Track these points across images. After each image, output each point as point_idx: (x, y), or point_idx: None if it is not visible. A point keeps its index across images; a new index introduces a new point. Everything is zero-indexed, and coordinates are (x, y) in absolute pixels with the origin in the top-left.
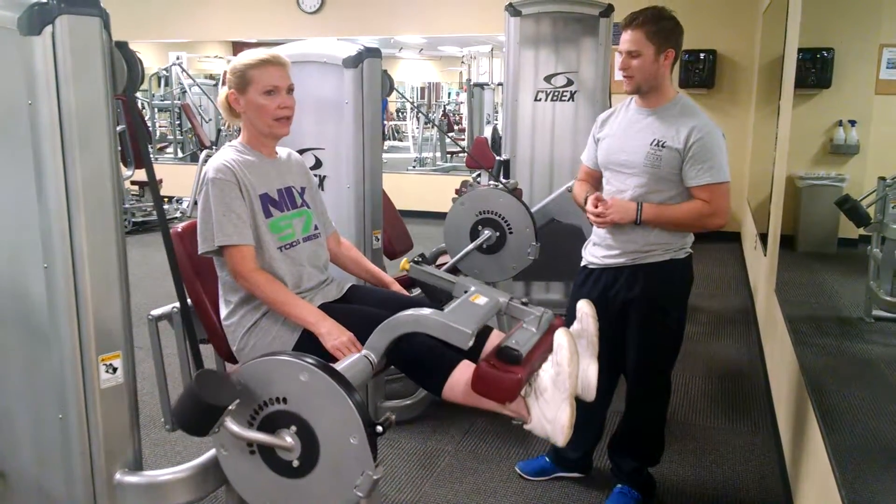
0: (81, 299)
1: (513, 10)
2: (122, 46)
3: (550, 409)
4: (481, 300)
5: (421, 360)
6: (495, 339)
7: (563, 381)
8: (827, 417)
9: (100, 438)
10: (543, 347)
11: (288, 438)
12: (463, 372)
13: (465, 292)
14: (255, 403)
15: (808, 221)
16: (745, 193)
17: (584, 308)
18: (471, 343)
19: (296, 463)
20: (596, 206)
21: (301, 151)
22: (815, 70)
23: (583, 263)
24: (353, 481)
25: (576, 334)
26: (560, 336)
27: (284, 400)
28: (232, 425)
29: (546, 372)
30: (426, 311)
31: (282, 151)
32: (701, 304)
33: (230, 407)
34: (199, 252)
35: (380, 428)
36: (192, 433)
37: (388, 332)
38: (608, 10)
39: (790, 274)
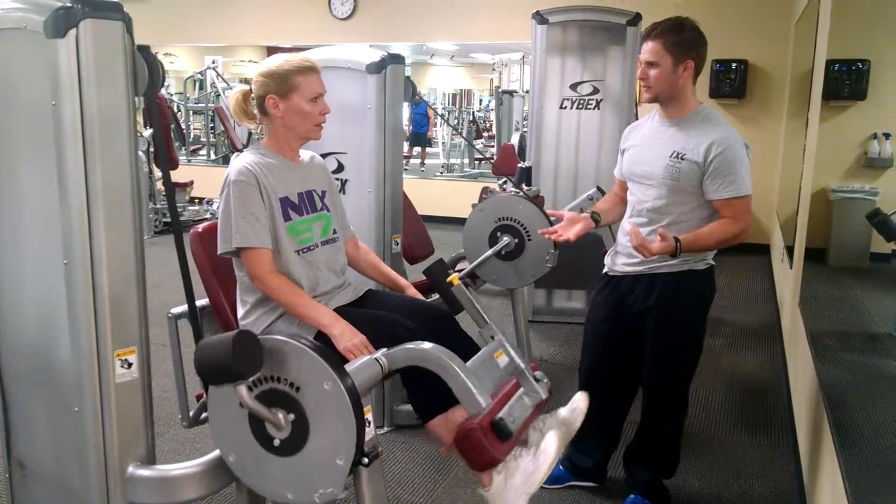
0: (99, 295)
1: (540, 18)
2: (144, 50)
3: (510, 496)
4: (503, 359)
5: (426, 382)
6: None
7: (535, 481)
8: (843, 432)
9: (114, 432)
10: (529, 422)
11: (282, 419)
12: (460, 414)
13: (492, 338)
14: (270, 373)
15: (840, 235)
16: (774, 205)
17: (580, 403)
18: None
19: (276, 442)
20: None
21: (324, 155)
22: (850, 81)
23: (604, 270)
24: (318, 489)
25: (562, 421)
26: (551, 441)
27: (297, 389)
28: (243, 391)
29: (523, 462)
30: (455, 361)
31: (304, 155)
32: (726, 317)
33: (250, 379)
34: (219, 252)
35: (366, 460)
36: (204, 379)
37: (412, 357)
38: (636, 19)
39: (818, 288)
